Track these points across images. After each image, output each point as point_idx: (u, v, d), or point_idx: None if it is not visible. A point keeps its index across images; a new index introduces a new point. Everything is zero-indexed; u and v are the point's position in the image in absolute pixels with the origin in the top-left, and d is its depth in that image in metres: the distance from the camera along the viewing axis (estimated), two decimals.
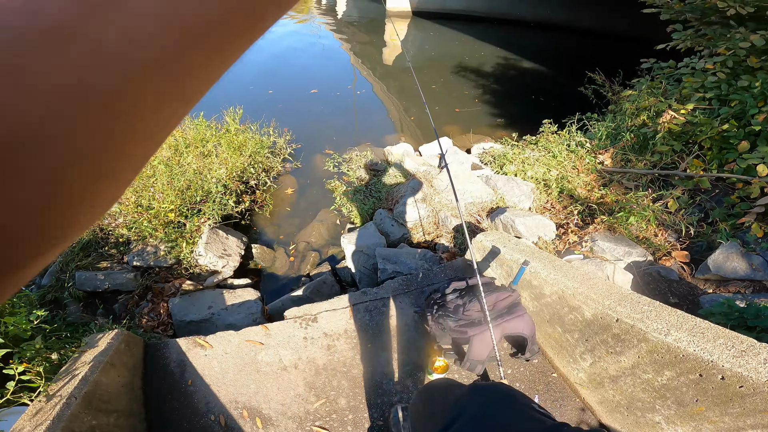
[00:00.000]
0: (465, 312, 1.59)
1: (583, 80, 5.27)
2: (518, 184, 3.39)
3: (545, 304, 1.81)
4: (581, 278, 1.67)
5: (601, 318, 1.56)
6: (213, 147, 4.35)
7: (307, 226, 4.15)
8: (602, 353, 1.61)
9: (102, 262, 3.40)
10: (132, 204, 3.46)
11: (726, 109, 3.29)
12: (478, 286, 1.46)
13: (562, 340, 1.79)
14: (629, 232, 2.84)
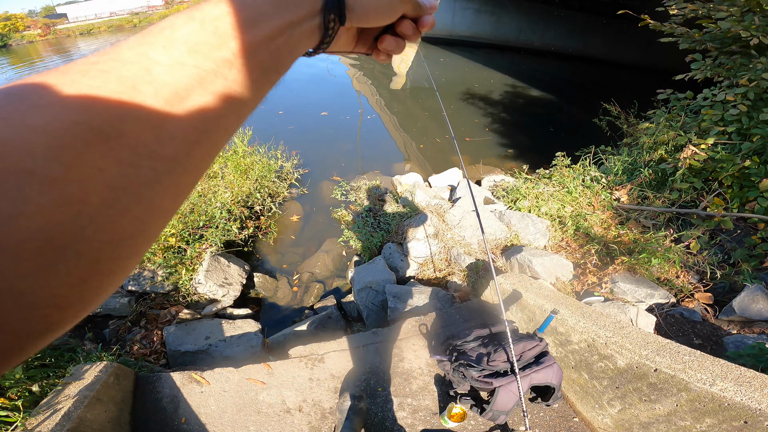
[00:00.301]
0: (490, 362, 1.53)
1: (593, 110, 5.32)
2: (533, 221, 3.36)
3: (571, 351, 1.75)
4: (613, 327, 1.62)
5: (637, 367, 1.52)
6: (219, 168, 4.36)
7: (311, 256, 4.11)
8: (634, 400, 1.55)
9: None
10: None
11: (747, 144, 3.29)
12: (507, 336, 1.40)
13: (588, 386, 1.73)
14: (650, 273, 2.78)
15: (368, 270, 3.12)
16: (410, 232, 3.39)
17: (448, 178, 4.72)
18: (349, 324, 3.10)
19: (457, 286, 2.96)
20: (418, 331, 2.28)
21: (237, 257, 3.75)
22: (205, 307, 3.30)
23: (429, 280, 3.18)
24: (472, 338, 1.70)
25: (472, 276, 2.97)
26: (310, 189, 5.06)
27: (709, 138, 3.48)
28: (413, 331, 2.28)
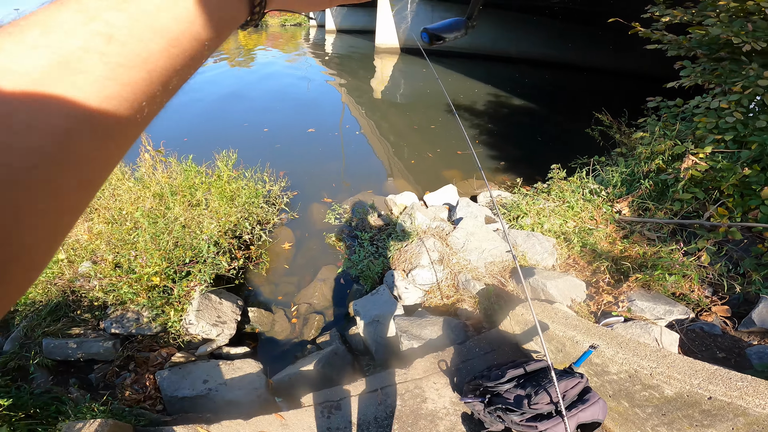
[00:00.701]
0: (532, 405, 1.48)
1: (578, 117, 5.45)
2: (539, 240, 3.37)
3: (608, 381, 1.73)
4: (656, 357, 1.61)
5: (688, 396, 1.53)
6: (203, 196, 4.24)
7: (308, 286, 4.01)
8: (683, 426, 1.55)
9: (74, 328, 3.19)
10: (109, 264, 3.28)
11: (746, 152, 3.39)
12: (553, 378, 1.36)
13: (629, 414, 1.70)
14: (665, 289, 2.81)
15: (373, 302, 3.05)
16: (413, 258, 3.35)
17: (444, 196, 4.71)
18: (356, 358, 3.02)
19: (468, 314, 2.92)
20: (438, 367, 2.22)
21: (228, 292, 3.63)
22: (199, 348, 3.17)
23: (437, 308, 3.14)
24: (506, 380, 1.66)
25: (484, 302, 2.94)
26: (301, 213, 4.98)
27: (707, 147, 3.58)
28: (432, 369, 2.22)
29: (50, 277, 3.33)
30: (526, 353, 2.22)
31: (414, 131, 7.73)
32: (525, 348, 2.22)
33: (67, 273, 3.37)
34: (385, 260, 3.61)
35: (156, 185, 4.13)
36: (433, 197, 4.72)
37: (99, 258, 3.47)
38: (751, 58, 3.63)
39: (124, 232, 3.49)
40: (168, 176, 4.38)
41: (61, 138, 0.21)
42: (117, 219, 3.76)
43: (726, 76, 3.91)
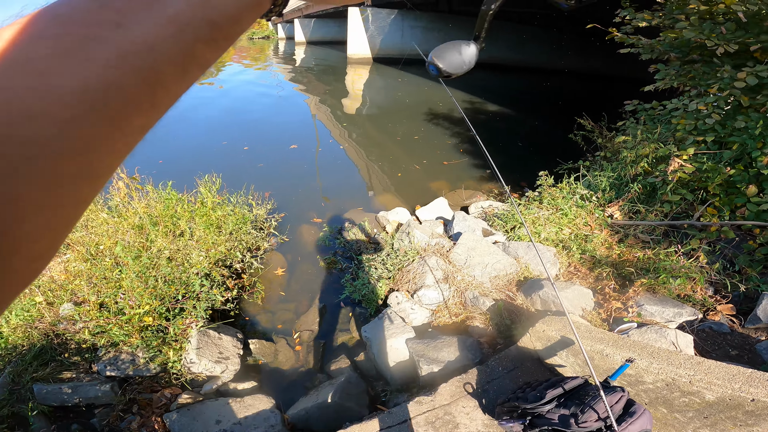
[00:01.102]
0: (580, 424, 1.52)
1: (553, 121, 5.66)
2: (541, 251, 3.46)
3: (644, 390, 1.81)
4: (691, 364, 1.70)
5: (730, 399, 1.62)
6: (186, 225, 4.13)
7: (307, 312, 3.97)
8: (727, 426, 1.64)
9: (65, 372, 3.09)
10: (93, 305, 3.16)
11: (728, 152, 3.61)
12: (601, 395, 1.41)
13: (668, 418, 1.78)
14: (670, 291, 2.94)
15: (382, 326, 3.05)
16: (417, 278, 3.38)
17: (436, 209, 4.78)
18: (370, 384, 3.00)
19: (481, 331, 2.96)
20: (464, 390, 2.24)
21: (226, 326, 3.55)
22: (204, 386, 3.09)
23: (446, 327, 3.16)
24: (546, 400, 1.69)
25: (495, 318, 2.99)
26: (290, 236, 4.92)
27: (689, 148, 3.79)
28: (459, 392, 2.24)
29: (29, 321, 3.21)
30: (549, 368, 2.28)
31: (397, 143, 7.81)
32: (548, 363, 2.28)
33: (48, 315, 3.24)
34: (386, 281, 3.62)
35: (134, 216, 4.01)
36: (425, 212, 4.77)
37: (80, 299, 3.35)
38: (722, 60, 3.86)
39: (104, 270, 3.37)
40: (146, 205, 4.25)
41: (64, 127, 0.21)
42: (95, 255, 3.62)
43: (700, 78, 4.15)
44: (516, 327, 2.82)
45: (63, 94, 0.21)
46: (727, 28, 3.68)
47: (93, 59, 0.22)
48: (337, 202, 5.56)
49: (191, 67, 0.26)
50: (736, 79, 3.53)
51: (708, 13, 4.09)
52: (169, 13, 0.24)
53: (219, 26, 0.27)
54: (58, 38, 0.22)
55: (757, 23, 3.63)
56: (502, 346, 2.78)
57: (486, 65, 14.90)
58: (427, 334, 3.03)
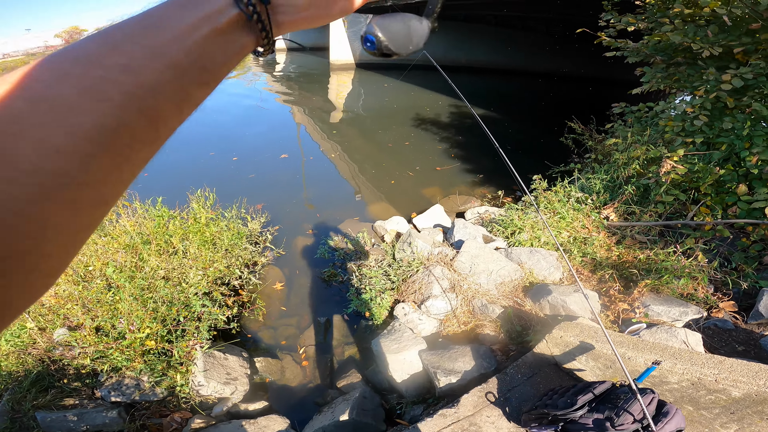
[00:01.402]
0: (617, 427, 1.58)
1: (534, 122, 5.80)
2: (543, 256, 3.56)
3: (669, 390, 1.90)
4: (714, 363, 1.79)
5: (756, 395, 1.73)
6: (180, 242, 4.07)
7: (310, 326, 3.96)
8: (754, 420, 1.74)
9: (66, 399, 3.04)
10: (89, 330, 3.10)
11: (717, 153, 3.78)
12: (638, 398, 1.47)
13: (695, 416, 1.86)
14: (673, 290, 3.06)
15: (393, 339, 3.08)
16: (423, 288, 3.42)
17: (434, 217, 4.84)
18: (384, 398, 3.02)
19: (492, 339, 3.02)
20: (486, 400, 2.29)
21: (231, 345, 3.52)
22: (214, 408, 3.06)
23: (456, 336, 3.21)
24: (578, 406, 1.75)
25: (506, 325, 3.06)
26: (286, 249, 4.91)
27: (679, 150, 3.95)
28: (481, 402, 2.28)
29: (21, 347, 3.13)
30: (568, 372, 2.35)
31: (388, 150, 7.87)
32: (567, 368, 2.34)
33: (41, 341, 3.17)
34: (390, 293, 3.64)
35: (124, 235, 3.93)
36: (422, 219, 4.83)
37: (74, 323, 3.28)
38: (706, 62, 4.04)
39: (97, 292, 3.30)
40: (136, 223, 4.17)
41: (86, 160, 0.24)
42: (84, 277, 3.55)
43: (684, 80, 4.34)
44: (528, 333, 2.89)
45: (86, 130, 0.24)
46: (711, 31, 3.86)
47: (108, 99, 0.25)
48: (332, 213, 5.56)
49: (186, 106, 0.30)
50: (721, 81, 3.70)
51: (691, 16, 4.29)
52: (168, 60, 0.28)
53: (210, 71, 0.31)
54: (80, 78, 0.25)
55: (739, 26, 3.81)
56: (516, 352, 2.85)
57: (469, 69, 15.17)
58: (439, 344, 3.07)
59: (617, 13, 4.95)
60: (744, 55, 3.86)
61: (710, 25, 3.95)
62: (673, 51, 4.49)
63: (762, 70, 3.52)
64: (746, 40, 3.72)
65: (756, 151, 3.43)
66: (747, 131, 3.53)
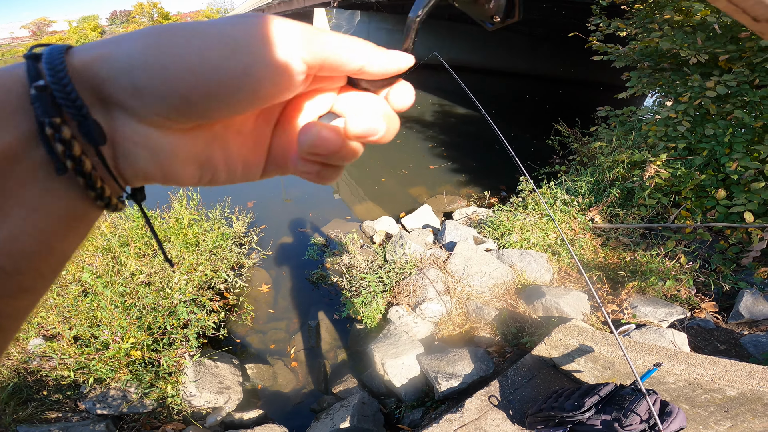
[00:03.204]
0: (626, 427, 1.70)
1: (516, 121, 5.95)
2: (534, 258, 3.70)
3: (666, 390, 2.05)
4: (710, 364, 1.96)
5: (750, 394, 1.89)
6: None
7: (299, 330, 3.99)
8: (747, 417, 1.90)
9: (49, 412, 2.98)
10: (67, 340, 3.04)
11: (698, 158, 4.01)
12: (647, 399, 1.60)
13: (690, 414, 2.02)
14: (658, 292, 3.25)
15: (390, 343, 3.15)
16: (418, 291, 3.50)
17: (423, 217, 4.93)
18: (382, 402, 3.09)
19: (488, 341, 3.13)
20: (489, 403, 2.39)
21: (221, 352, 3.50)
22: (208, 418, 3.05)
23: (451, 338, 3.31)
24: (586, 408, 1.87)
25: (501, 327, 3.18)
26: (272, 250, 4.89)
27: (662, 154, 4.18)
28: (485, 406, 2.38)
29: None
30: (566, 374, 2.48)
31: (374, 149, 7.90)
32: (565, 369, 2.48)
33: (15, 352, 3.08)
34: (383, 295, 3.71)
35: (99, 237, 3.84)
36: (411, 220, 4.91)
37: (50, 332, 3.21)
38: (691, 68, 4.25)
39: (72, 299, 3.22)
40: (111, 224, 4.07)
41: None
42: (58, 283, 3.45)
43: (669, 86, 4.57)
44: (523, 335, 3.01)
45: None
46: (700, 38, 4.07)
47: None
48: (319, 213, 5.58)
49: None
50: (706, 88, 3.91)
51: (679, 23, 4.51)
52: None
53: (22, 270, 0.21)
54: None
55: (725, 33, 4.02)
56: (512, 354, 2.97)
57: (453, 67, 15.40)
58: (435, 347, 3.16)
59: (606, 18, 5.15)
60: (728, 62, 4.09)
61: (698, 32, 4.15)
62: (659, 56, 4.71)
63: (745, 77, 3.74)
64: (731, 48, 3.94)
65: (736, 157, 3.66)
66: (728, 138, 3.76)
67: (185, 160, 0.24)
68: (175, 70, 0.20)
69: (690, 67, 4.16)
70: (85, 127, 0.20)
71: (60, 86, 0.20)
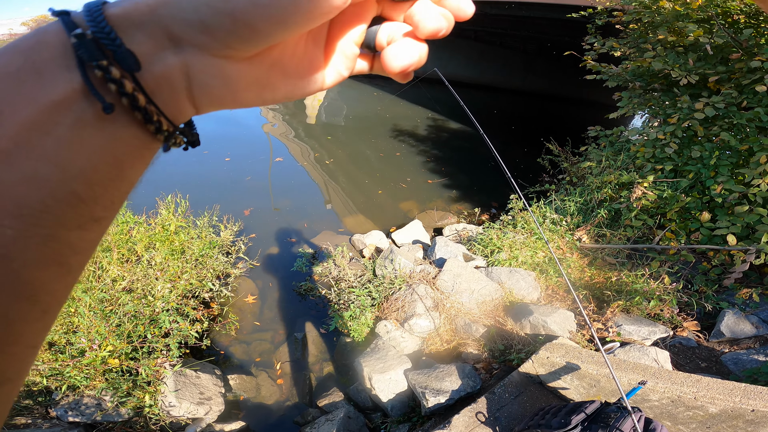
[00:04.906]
0: None
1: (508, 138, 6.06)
2: (522, 276, 3.77)
3: (650, 407, 2.12)
4: (692, 382, 2.03)
5: (731, 411, 1.96)
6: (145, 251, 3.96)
7: (285, 341, 3.99)
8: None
9: (17, 418, 2.93)
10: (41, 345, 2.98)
11: (685, 181, 4.14)
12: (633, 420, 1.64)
13: (673, 430, 2.08)
14: (642, 311, 3.33)
15: (378, 357, 3.17)
16: (407, 307, 3.53)
17: (413, 232, 4.98)
18: (367, 417, 3.09)
19: (476, 357, 3.17)
20: (476, 420, 2.42)
21: (203, 362, 3.48)
22: (186, 429, 3.04)
23: (439, 354, 3.34)
24: (572, 426, 1.90)
25: (489, 344, 3.21)
26: (260, 260, 4.88)
27: (649, 176, 4.30)
28: (472, 422, 2.41)
29: None
30: (552, 391, 2.52)
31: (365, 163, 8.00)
32: (551, 386, 2.52)
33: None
34: (371, 309, 3.72)
35: None
36: (401, 235, 4.96)
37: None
38: (681, 89, 4.39)
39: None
40: None
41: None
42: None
43: (658, 106, 4.71)
44: (511, 352, 3.05)
45: None
46: (692, 59, 4.21)
47: None
48: (309, 225, 5.59)
49: (74, 260, 0.25)
50: (695, 110, 4.03)
51: (673, 44, 4.66)
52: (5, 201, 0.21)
53: (86, 198, 0.23)
54: None
55: (716, 54, 4.17)
56: (499, 370, 3.01)
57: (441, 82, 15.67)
58: (423, 363, 3.18)
59: (601, 37, 5.32)
60: (717, 83, 4.24)
61: (689, 52, 4.30)
62: (650, 77, 4.86)
63: (733, 99, 3.88)
64: (721, 69, 4.08)
65: (721, 180, 3.79)
66: (714, 160, 3.89)
67: (250, 84, 0.28)
68: (236, 2, 0.23)
69: (680, 88, 4.29)
70: (120, 56, 0.23)
71: (101, 30, 0.22)
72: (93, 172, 0.23)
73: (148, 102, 0.24)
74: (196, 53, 0.25)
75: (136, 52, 0.23)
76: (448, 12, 0.32)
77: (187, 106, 0.27)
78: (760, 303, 3.31)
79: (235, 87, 0.27)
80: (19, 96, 0.21)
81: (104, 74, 0.22)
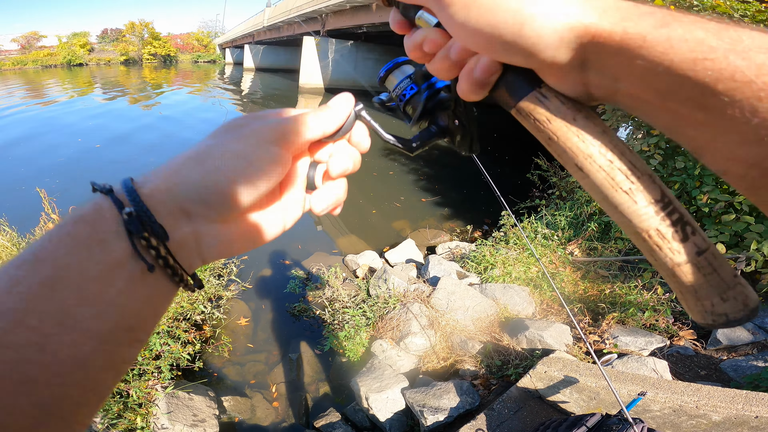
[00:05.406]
0: None
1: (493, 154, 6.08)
2: (516, 291, 3.79)
3: (651, 417, 2.12)
4: (693, 391, 2.04)
5: (735, 418, 1.97)
6: None
7: (279, 363, 3.92)
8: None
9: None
10: None
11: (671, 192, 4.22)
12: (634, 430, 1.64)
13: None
14: (638, 322, 3.36)
15: (374, 377, 3.15)
16: (402, 325, 3.52)
17: (406, 251, 4.99)
18: None
19: (473, 374, 3.15)
20: None
21: (196, 385, 3.41)
22: None
23: (436, 371, 3.33)
24: None
25: (486, 360, 3.20)
26: (252, 282, 4.84)
27: None
28: None
29: None
30: (552, 405, 2.51)
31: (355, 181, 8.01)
32: (550, 400, 2.51)
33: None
34: (366, 329, 3.70)
35: None
36: (394, 254, 4.96)
37: None
38: None
39: None
40: None
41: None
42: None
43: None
44: (508, 367, 3.04)
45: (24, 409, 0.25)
46: None
47: (31, 381, 0.25)
48: (301, 246, 5.57)
49: (123, 366, 0.31)
50: None
51: None
52: (84, 328, 0.27)
53: (135, 329, 0.30)
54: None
55: None
56: (497, 386, 2.99)
57: None
58: (420, 381, 3.16)
59: None
60: None
61: None
62: None
63: None
64: None
65: (706, 190, 3.87)
66: (698, 171, 3.98)
67: (240, 237, 0.37)
68: (223, 184, 0.32)
69: None
70: (155, 229, 0.30)
71: (141, 209, 0.30)
72: (140, 310, 0.31)
73: (174, 262, 0.32)
74: (202, 222, 0.33)
75: (163, 225, 0.30)
76: (355, 150, 0.44)
77: (197, 261, 0.35)
78: None
79: (230, 241, 0.36)
80: (89, 261, 0.28)
81: (147, 243, 0.30)
